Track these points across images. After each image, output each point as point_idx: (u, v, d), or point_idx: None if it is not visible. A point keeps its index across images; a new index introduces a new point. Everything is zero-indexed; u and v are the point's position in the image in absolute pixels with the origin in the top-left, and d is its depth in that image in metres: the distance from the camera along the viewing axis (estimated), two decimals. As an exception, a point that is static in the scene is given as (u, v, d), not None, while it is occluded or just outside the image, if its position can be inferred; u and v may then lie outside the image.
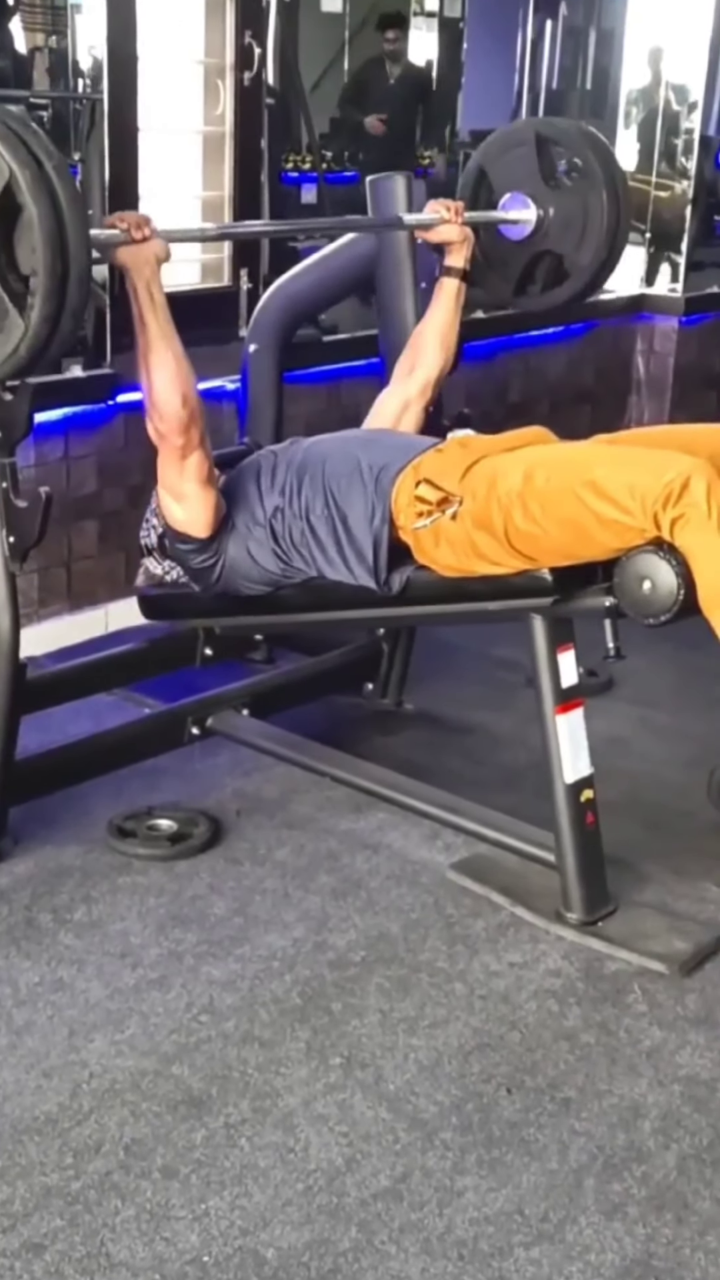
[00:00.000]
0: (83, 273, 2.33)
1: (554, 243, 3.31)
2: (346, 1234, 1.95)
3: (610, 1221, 1.99)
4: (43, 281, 2.29)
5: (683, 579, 2.39)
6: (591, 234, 3.26)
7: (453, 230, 3.08)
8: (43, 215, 2.27)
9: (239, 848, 2.93)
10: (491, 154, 3.36)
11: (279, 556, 2.81)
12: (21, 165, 2.26)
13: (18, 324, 2.33)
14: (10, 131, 2.28)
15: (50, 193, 2.28)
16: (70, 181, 2.32)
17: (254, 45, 3.97)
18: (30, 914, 2.66)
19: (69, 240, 2.30)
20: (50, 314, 2.32)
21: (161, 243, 2.61)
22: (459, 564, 2.63)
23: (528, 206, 3.28)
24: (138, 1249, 1.91)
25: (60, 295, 2.32)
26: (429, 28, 9.40)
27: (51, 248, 2.28)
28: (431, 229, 3.09)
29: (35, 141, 2.30)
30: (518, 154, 3.30)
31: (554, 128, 3.37)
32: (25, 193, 2.26)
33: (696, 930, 2.68)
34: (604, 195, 3.26)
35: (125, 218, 2.59)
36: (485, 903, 2.76)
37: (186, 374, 2.65)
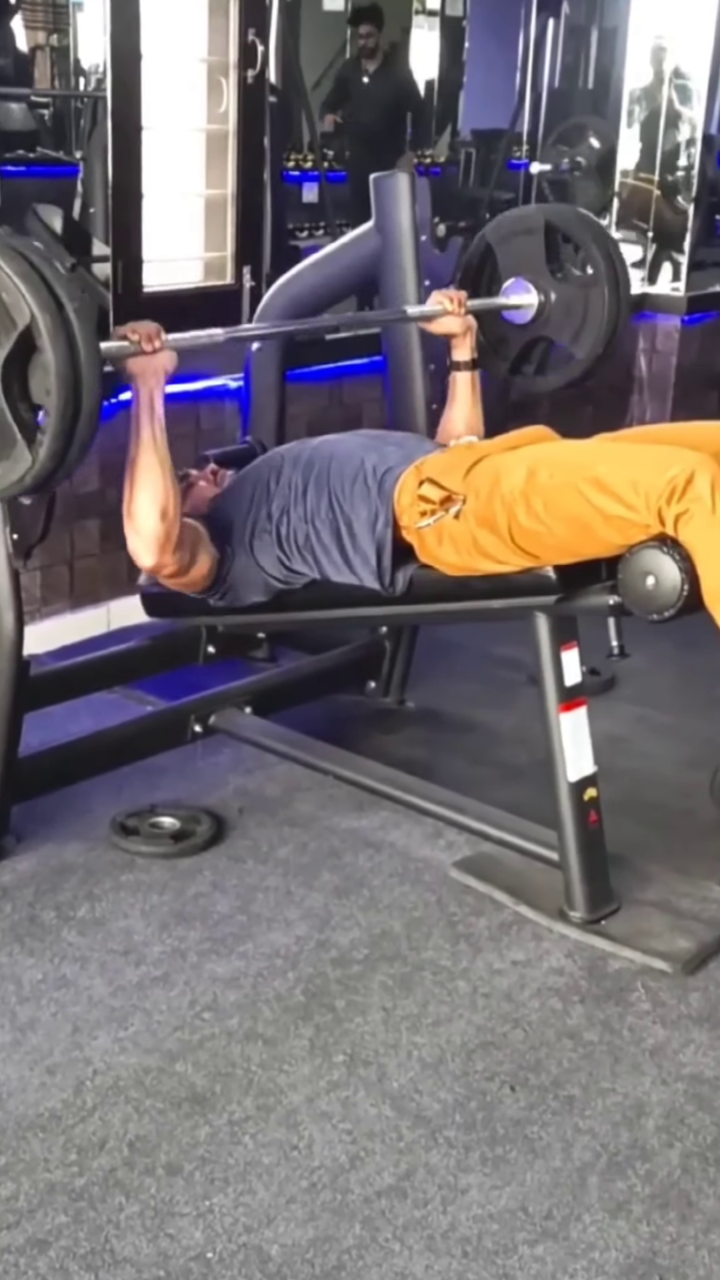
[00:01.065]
0: (93, 412, 2.34)
1: (553, 330, 3.34)
2: (350, 1231, 1.95)
3: (614, 1219, 1.99)
4: (53, 422, 2.32)
5: (686, 574, 2.39)
6: (590, 328, 3.30)
7: (455, 323, 3.10)
8: (59, 361, 2.28)
9: (241, 845, 2.94)
10: (500, 234, 3.40)
11: (282, 561, 2.81)
12: (42, 309, 2.27)
13: (25, 457, 2.35)
14: (34, 271, 2.30)
15: (69, 339, 2.29)
16: (89, 325, 2.33)
17: (257, 43, 3.97)
18: (33, 911, 2.66)
19: (83, 385, 2.32)
20: (58, 451, 2.35)
21: (170, 354, 2.63)
22: (463, 562, 2.63)
23: (529, 292, 3.32)
24: (142, 1245, 1.91)
25: (70, 434, 2.34)
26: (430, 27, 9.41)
27: (66, 394, 2.30)
28: (435, 320, 3.12)
29: (59, 283, 2.31)
30: (526, 240, 3.34)
31: (564, 218, 3.40)
32: (45, 337, 2.28)
33: (699, 929, 2.68)
34: (606, 292, 3.29)
35: (138, 330, 2.60)
36: (488, 901, 2.76)
37: (170, 491, 2.65)
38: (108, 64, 3.70)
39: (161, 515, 2.64)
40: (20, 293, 2.27)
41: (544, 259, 3.31)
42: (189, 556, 2.77)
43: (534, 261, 3.32)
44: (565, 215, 3.43)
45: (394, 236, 3.29)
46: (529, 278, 3.32)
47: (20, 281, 2.27)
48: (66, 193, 5.56)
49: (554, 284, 3.32)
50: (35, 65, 8.21)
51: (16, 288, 2.27)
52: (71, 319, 2.30)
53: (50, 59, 8.46)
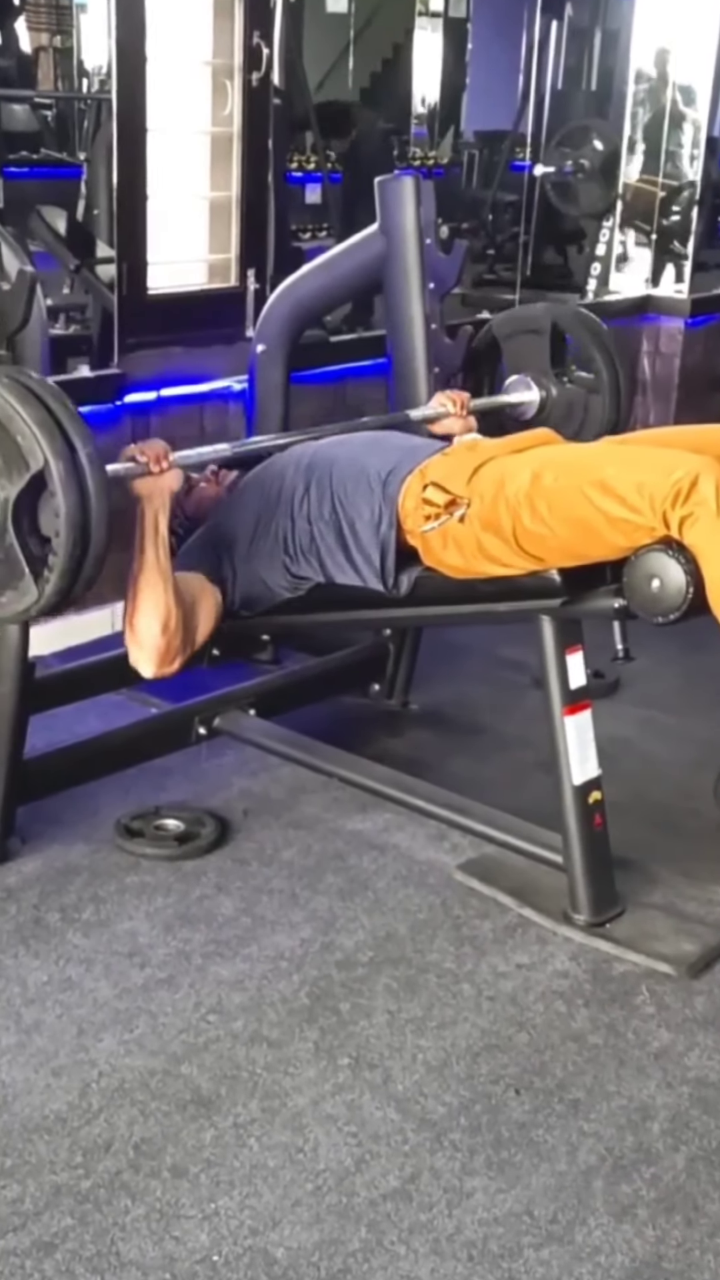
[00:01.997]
0: (101, 551, 2.36)
1: (551, 428, 3.35)
2: (356, 1234, 1.95)
3: (620, 1223, 1.99)
4: (61, 562, 2.34)
5: (691, 577, 2.39)
6: (589, 431, 3.34)
7: (457, 424, 3.15)
8: (70, 505, 2.31)
9: (246, 848, 2.94)
10: (506, 329, 3.46)
11: (287, 568, 2.82)
12: (56, 456, 2.29)
13: (31, 590, 2.38)
14: (49, 417, 2.31)
15: (80, 485, 2.31)
16: (100, 469, 2.35)
17: (262, 46, 3.97)
18: (38, 913, 2.66)
19: (93, 526, 2.33)
20: (64, 588, 2.37)
21: (177, 474, 2.67)
22: (467, 566, 2.63)
23: (531, 389, 3.37)
24: (148, 1248, 1.91)
25: (76, 574, 2.36)
26: (434, 28, 9.40)
27: (74, 536, 2.32)
28: (437, 421, 3.15)
29: (73, 428, 2.33)
30: (531, 339, 3.40)
31: (569, 321, 3.45)
32: (57, 482, 2.30)
33: (705, 932, 2.68)
34: (606, 400, 3.36)
35: (146, 451, 2.62)
36: (493, 903, 2.76)
37: (171, 606, 2.66)
38: (113, 66, 3.70)
39: (163, 629, 2.67)
40: (35, 438, 2.30)
41: (548, 359, 3.39)
42: (189, 643, 2.77)
43: (538, 360, 3.40)
44: (571, 319, 3.49)
45: (399, 239, 3.30)
46: (532, 376, 3.39)
47: (36, 428, 2.30)
48: (70, 194, 5.55)
49: (556, 384, 3.39)
50: (39, 66, 8.20)
51: (32, 433, 2.30)
52: (84, 465, 2.32)
53: (54, 60, 8.44)
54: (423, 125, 9.34)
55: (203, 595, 2.81)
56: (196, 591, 2.80)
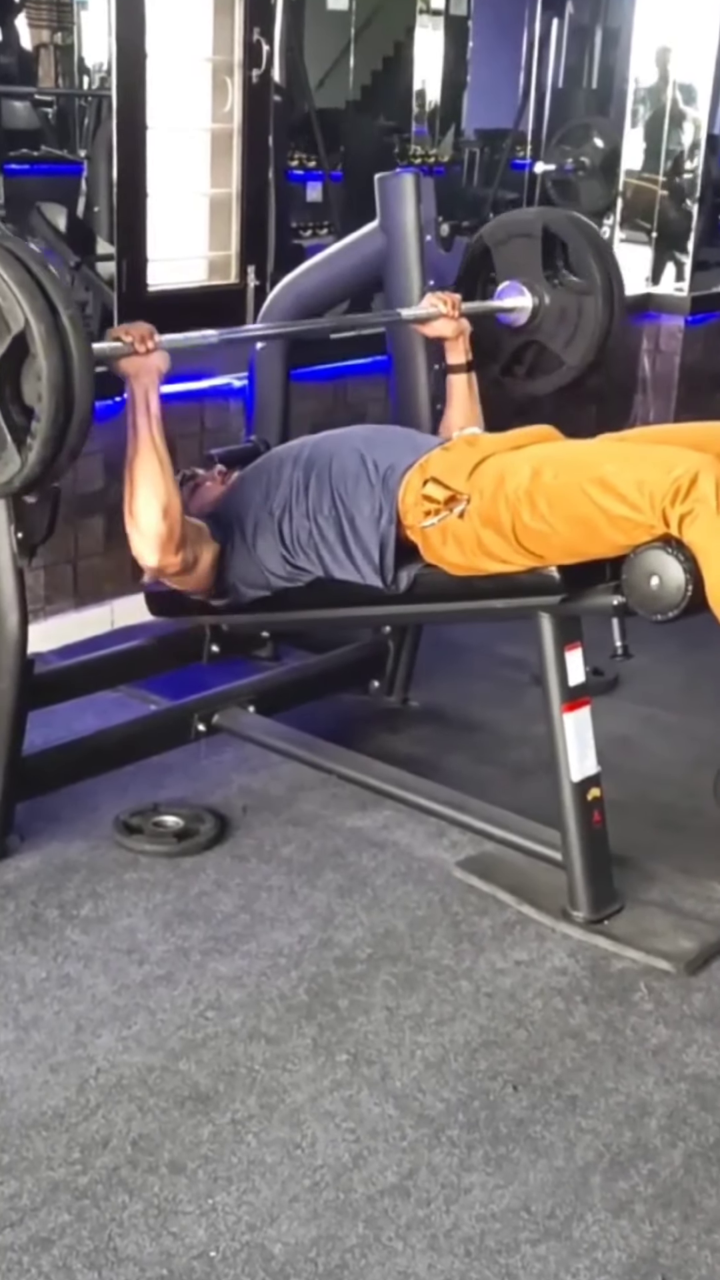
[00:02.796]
0: (85, 419, 2.35)
1: (545, 335, 3.36)
2: (353, 1230, 1.95)
3: (617, 1219, 1.99)
4: (44, 428, 2.32)
5: (690, 575, 2.39)
6: (582, 336, 3.32)
7: (449, 326, 3.13)
8: (52, 369, 2.29)
9: (245, 845, 2.94)
10: (498, 236, 3.42)
11: (285, 559, 2.82)
12: (37, 317, 2.28)
13: (14, 459, 2.36)
14: (29, 277, 2.30)
15: (62, 346, 2.30)
16: (82, 332, 2.33)
17: (262, 42, 3.97)
18: (37, 909, 2.66)
19: (75, 393, 2.32)
20: (46, 457, 2.36)
21: (164, 354, 2.65)
22: (467, 562, 2.63)
23: (523, 295, 3.34)
24: (145, 1244, 1.91)
25: (60, 441, 2.35)
26: (435, 26, 9.40)
27: (57, 400, 2.30)
28: (428, 323, 3.13)
29: (53, 288, 2.31)
30: (523, 244, 3.35)
31: (561, 225, 3.40)
32: (38, 344, 2.28)
33: (703, 929, 2.68)
34: (599, 302, 3.32)
35: (131, 331, 2.62)
36: (492, 900, 2.76)
37: (170, 488, 2.66)
38: (113, 63, 3.70)
39: (164, 514, 2.65)
40: (15, 299, 2.27)
41: (540, 264, 3.33)
42: (192, 555, 2.78)
43: (530, 266, 3.34)
44: (563, 221, 3.44)
45: (399, 236, 3.29)
46: (524, 281, 3.35)
47: (16, 288, 2.28)
48: (71, 191, 5.57)
49: (549, 289, 3.34)
50: (39, 63, 8.21)
51: (12, 294, 2.27)
52: (66, 326, 2.30)
53: (54, 57, 8.46)
54: (423, 123, 9.34)
55: (204, 536, 2.81)
56: (199, 531, 2.80)
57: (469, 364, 3.16)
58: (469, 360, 3.16)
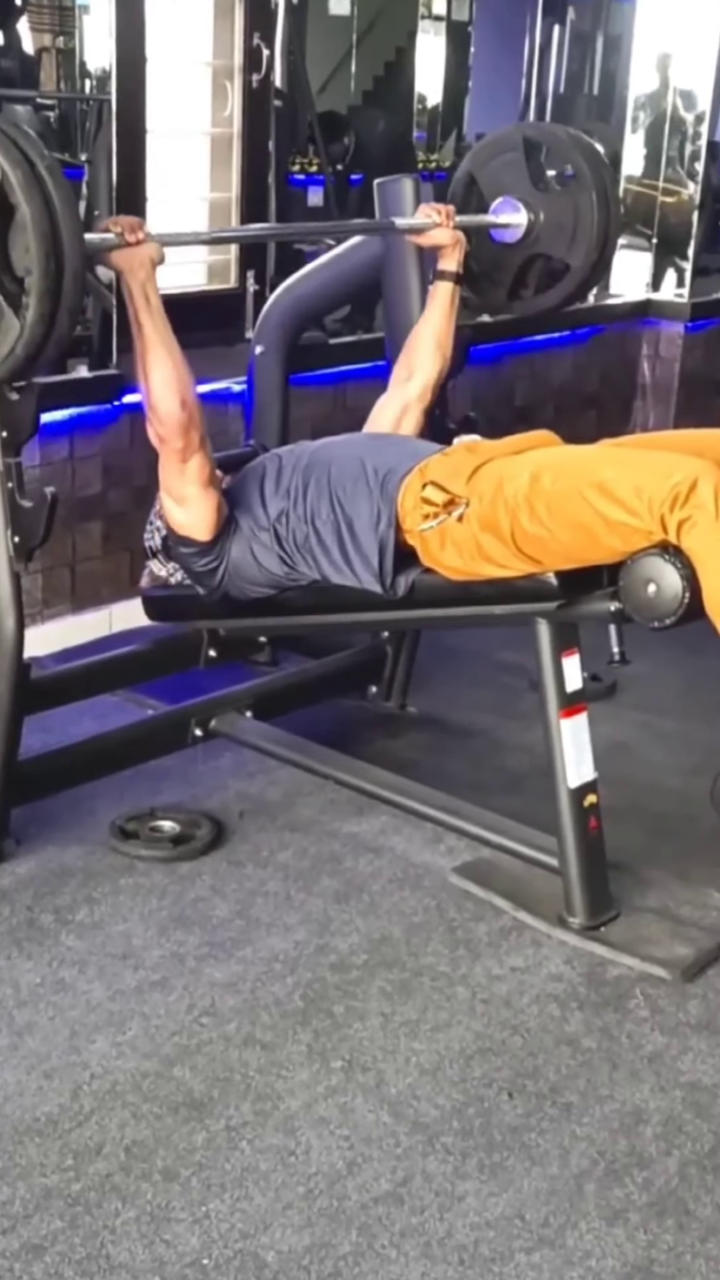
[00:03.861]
0: (77, 270, 2.33)
1: (546, 245, 3.34)
2: (347, 1238, 1.94)
3: (611, 1227, 1.99)
4: (37, 281, 2.30)
5: (688, 582, 2.39)
6: (582, 235, 3.30)
7: (444, 234, 3.11)
8: (35, 215, 2.27)
9: (241, 850, 2.93)
10: (481, 159, 3.40)
11: (284, 560, 2.81)
12: (13, 165, 2.27)
13: (13, 324, 2.34)
14: (1, 133, 2.29)
15: (43, 192, 2.29)
16: (63, 181, 2.32)
17: (262, 47, 3.97)
18: (32, 914, 2.66)
19: (63, 238, 2.30)
20: (46, 313, 2.33)
21: (156, 245, 2.63)
22: (465, 567, 2.63)
23: (518, 210, 3.32)
24: (138, 1251, 1.90)
25: (55, 294, 2.32)
26: (436, 32, 9.40)
27: (45, 247, 2.29)
28: (423, 233, 3.13)
29: (27, 142, 2.30)
30: (506, 159, 3.34)
31: (541, 132, 3.41)
32: (18, 192, 2.27)
33: (699, 936, 2.67)
34: (593, 196, 3.29)
35: (119, 221, 2.61)
36: (488, 907, 2.76)
37: (184, 376, 2.65)
38: (113, 67, 3.70)
39: (182, 402, 2.66)
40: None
41: (527, 176, 3.32)
42: (210, 471, 2.76)
43: (518, 180, 3.32)
44: (541, 128, 3.45)
45: (398, 241, 3.29)
46: (515, 196, 3.33)
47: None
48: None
49: (540, 198, 3.33)
50: (41, 67, 8.20)
51: None
52: (44, 174, 2.29)
53: (56, 61, 8.44)
54: (424, 128, 9.33)
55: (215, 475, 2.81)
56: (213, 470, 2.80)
57: (458, 275, 3.15)
58: (459, 271, 3.15)
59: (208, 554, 2.84)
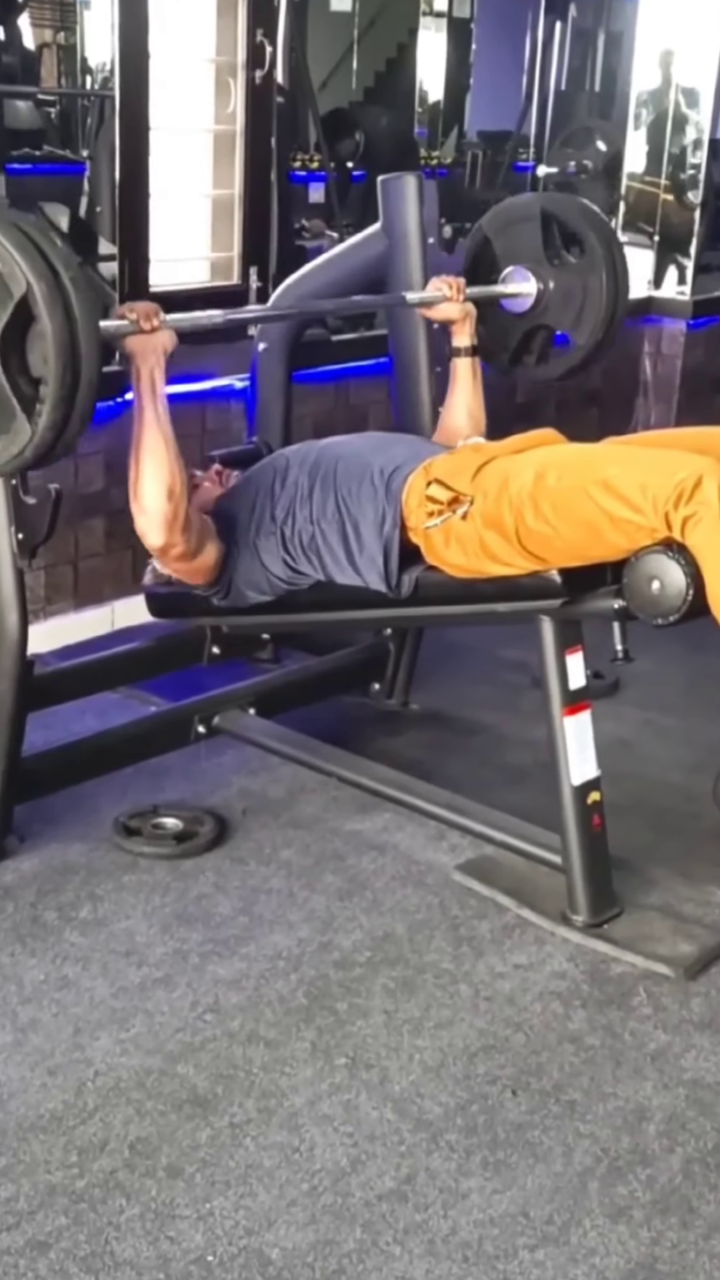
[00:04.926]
0: (93, 380, 2.34)
1: (552, 318, 3.34)
2: (351, 1235, 1.95)
3: (615, 1224, 1.99)
4: (53, 391, 2.31)
5: (692, 579, 2.39)
6: (590, 313, 3.29)
7: (454, 309, 3.11)
8: (56, 329, 2.28)
9: (245, 847, 2.93)
10: (497, 225, 3.40)
11: (288, 564, 2.81)
12: (38, 278, 2.27)
13: (25, 429, 2.35)
14: (29, 241, 2.29)
15: (65, 306, 2.29)
16: (85, 292, 2.33)
17: (266, 44, 3.97)
18: (35, 911, 2.66)
19: (81, 353, 2.31)
20: (57, 421, 2.34)
21: (169, 333, 2.63)
22: (469, 564, 2.63)
23: (528, 280, 3.32)
24: (142, 1248, 1.90)
25: (70, 403, 2.33)
26: (438, 28, 9.39)
27: (64, 359, 2.29)
28: (434, 306, 3.13)
29: (53, 252, 2.31)
30: (523, 228, 3.34)
31: (560, 205, 3.40)
32: (41, 305, 2.27)
33: (702, 934, 2.67)
34: (604, 277, 3.29)
35: (136, 309, 2.61)
36: (491, 904, 2.76)
37: (175, 469, 2.65)
38: (116, 63, 3.70)
39: (168, 494, 2.64)
40: (15, 261, 2.26)
41: (542, 247, 3.31)
42: (196, 542, 2.76)
43: (532, 250, 3.32)
44: (562, 203, 3.44)
45: (401, 238, 3.29)
46: (527, 266, 3.32)
47: (15, 251, 2.27)
48: (73, 191, 5.56)
49: (552, 271, 3.31)
50: (42, 63, 8.20)
51: (12, 256, 2.26)
52: (67, 286, 2.29)
53: (57, 57, 8.44)
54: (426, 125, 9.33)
55: (210, 532, 2.81)
56: (205, 525, 2.79)
57: (473, 348, 3.15)
58: (474, 344, 3.15)
59: (210, 588, 2.89)
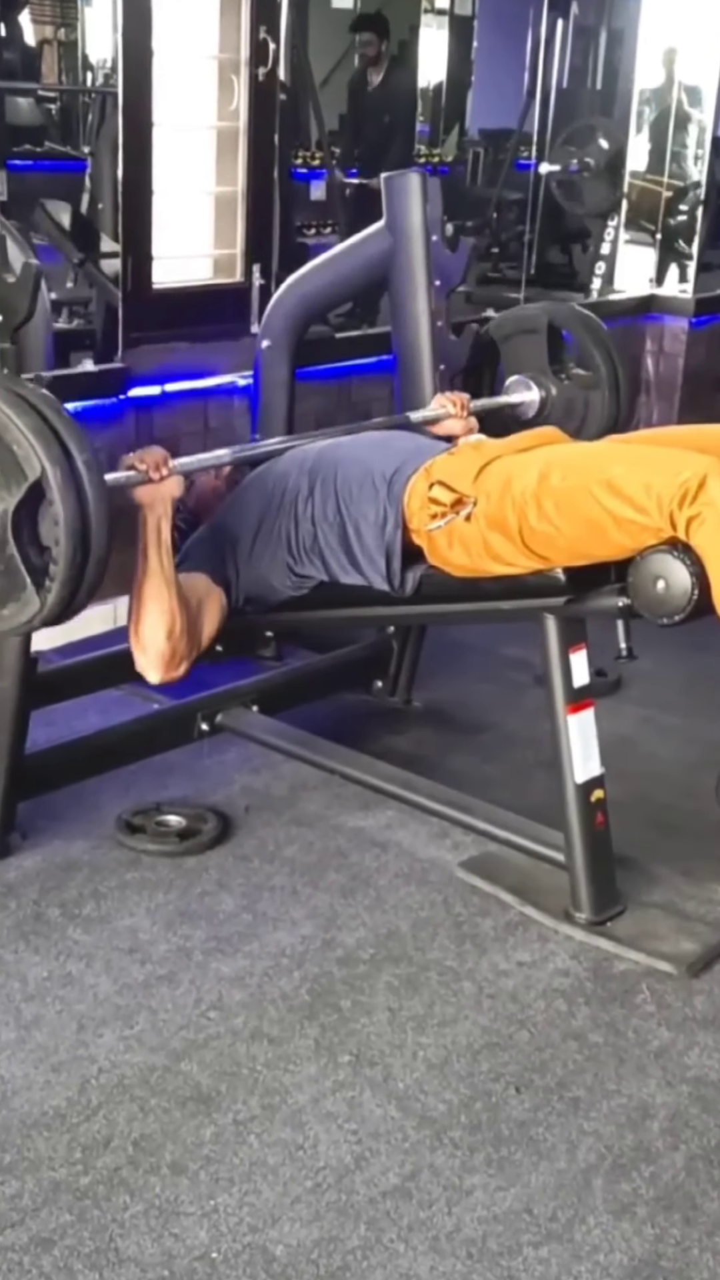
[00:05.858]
0: (102, 557, 2.36)
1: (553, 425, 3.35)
2: (355, 1232, 1.95)
3: (619, 1221, 1.99)
4: (63, 570, 2.34)
5: (697, 579, 2.39)
6: (590, 428, 3.34)
7: (458, 425, 3.15)
8: (69, 514, 2.30)
9: (248, 844, 2.93)
10: (504, 333, 3.46)
11: (291, 568, 2.82)
12: (53, 463, 2.29)
13: (34, 601, 2.38)
14: (45, 425, 2.31)
15: (78, 490, 2.31)
16: (98, 475, 2.35)
17: (269, 41, 3.96)
18: (39, 908, 2.66)
19: (93, 532, 2.33)
20: (66, 597, 2.38)
21: (177, 480, 2.66)
22: (473, 565, 2.63)
23: (531, 390, 3.38)
24: (146, 1245, 1.91)
25: (79, 581, 2.36)
26: (439, 26, 9.39)
27: (74, 541, 2.32)
28: (439, 423, 3.15)
29: (69, 434, 2.32)
30: (528, 339, 3.40)
31: (567, 320, 3.44)
32: (54, 490, 2.30)
33: (705, 931, 2.67)
34: (606, 395, 3.36)
35: (145, 459, 2.62)
36: (494, 901, 2.76)
37: (176, 612, 2.67)
38: (119, 60, 3.70)
39: (168, 635, 2.67)
40: (32, 447, 2.29)
41: (546, 359, 3.39)
42: (189, 645, 2.75)
43: (536, 361, 3.40)
44: (568, 317, 3.50)
45: (405, 236, 3.29)
46: (531, 376, 3.39)
47: (32, 436, 2.29)
48: (74, 188, 5.55)
49: (556, 384, 3.39)
50: (43, 59, 8.19)
51: (28, 442, 2.29)
52: (81, 471, 2.32)
53: (58, 53, 8.43)
54: (427, 122, 9.32)
55: (208, 598, 2.81)
56: (202, 593, 2.79)
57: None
58: None
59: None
